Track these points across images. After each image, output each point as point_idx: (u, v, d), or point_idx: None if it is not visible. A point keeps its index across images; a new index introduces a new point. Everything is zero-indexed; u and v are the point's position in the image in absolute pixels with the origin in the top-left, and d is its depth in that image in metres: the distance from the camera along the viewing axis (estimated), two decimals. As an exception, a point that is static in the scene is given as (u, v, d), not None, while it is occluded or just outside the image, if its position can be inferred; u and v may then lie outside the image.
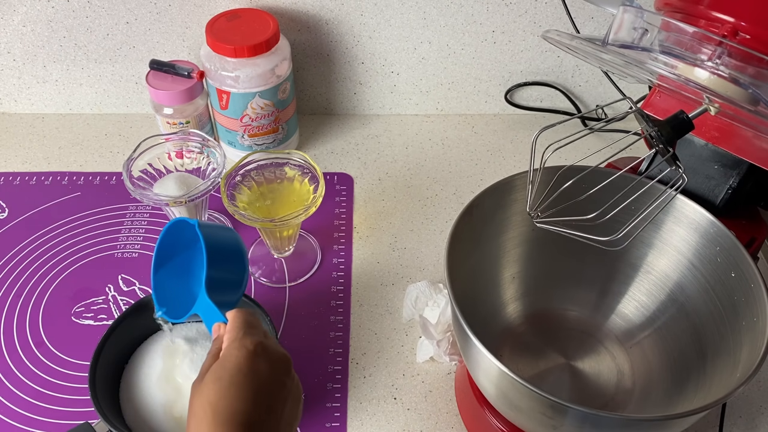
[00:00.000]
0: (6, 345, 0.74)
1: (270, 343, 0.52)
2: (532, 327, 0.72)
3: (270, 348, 0.51)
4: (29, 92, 1.00)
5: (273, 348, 0.52)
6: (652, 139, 0.56)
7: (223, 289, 0.56)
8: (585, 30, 0.94)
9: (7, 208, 0.88)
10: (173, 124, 0.89)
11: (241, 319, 0.53)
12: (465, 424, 0.69)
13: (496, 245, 0.70)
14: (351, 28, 0.94)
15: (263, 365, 0.50)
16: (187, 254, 0.60)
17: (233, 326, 0.52)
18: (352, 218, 0.89)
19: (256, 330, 0.52)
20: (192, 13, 0.91)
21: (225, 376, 0.48)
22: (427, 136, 1.01)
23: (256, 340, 0.51)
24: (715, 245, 0.63)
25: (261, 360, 0.50)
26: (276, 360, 0.51)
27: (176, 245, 0.60)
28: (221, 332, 0.53)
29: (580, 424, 0.53)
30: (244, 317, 0.53)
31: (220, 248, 0.57)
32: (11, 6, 0.90)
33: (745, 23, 0.55)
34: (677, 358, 0.66)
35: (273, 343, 0.53)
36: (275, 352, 0.51)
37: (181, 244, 0.59)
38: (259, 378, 0.49)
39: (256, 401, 0.48)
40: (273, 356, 0.51)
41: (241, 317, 0.53)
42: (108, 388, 0.65)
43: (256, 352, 0.50)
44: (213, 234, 0.57)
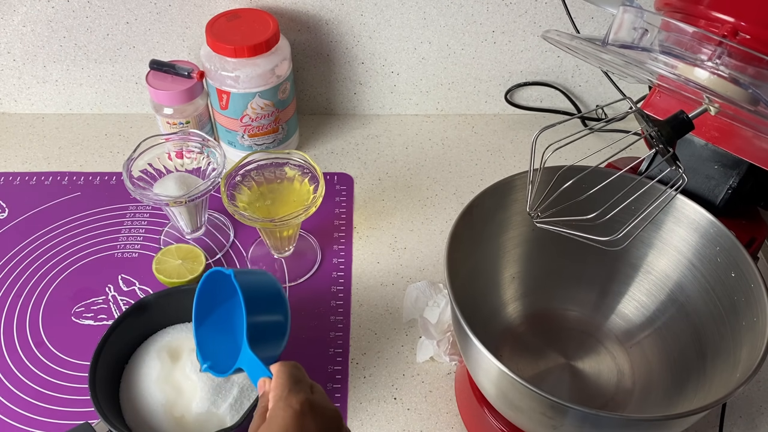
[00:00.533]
0: (6, 345, 0.74)
1: (317, 399, 0.50)
2: (532, 327, 0.72)
3: (317, 405, 0.49)
4: (29, 92, 1.00)
5: (320, 404, 0.50)
6: (652, 139, 0.56)
7: (266, 340, 0.55)
8: (585, 30, 0.94)
9: (7, 208, 0.88)
10: (173, 124, 0.89)
11: (286, 374, 0.51)
12: (465, 424, 0.69)
13: (496, 245, 0.70)
14: (351, 28, 0.94)
15: (311, 425, 0.48)
16: (229, 305, 0.59)
17: (278, 383, 0.50)
18: (352, 218, 0.89)
19: (302, 385, 0.50)
20: (192, 13, 0.91)
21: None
22: (427, 136, 1.01)
23: (302, 398, 0.49)
24: (715, 245, 0.63)
25: (308, 419, 0.48)
26: (324, 418, 0.49)
27: (216, 296, 0.59)
28: (267, 388, 0.52)
29: (580, 424, 0.53)
30: (288, 372, 0.51)
31: (259, 298, 0.55)
32: (11, 6, 0.90)
33: (745, 23, 0.55)
34: (677, 358, 0.66)
35: (320, 397, 0.51)
36: (323, 409, 0.49)
37: (221, 295, 0.58)
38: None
39: None
40: (320, 413, 0.49)
41: (286, 372, 0.51)
42: (108, 388, 0.65)
43: (303, 411, 0.48)
44: (250, 283, 0.55)
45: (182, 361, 0.66)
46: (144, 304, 0.69)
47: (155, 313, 0.69)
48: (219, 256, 0.83)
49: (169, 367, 0.66)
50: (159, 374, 0.66)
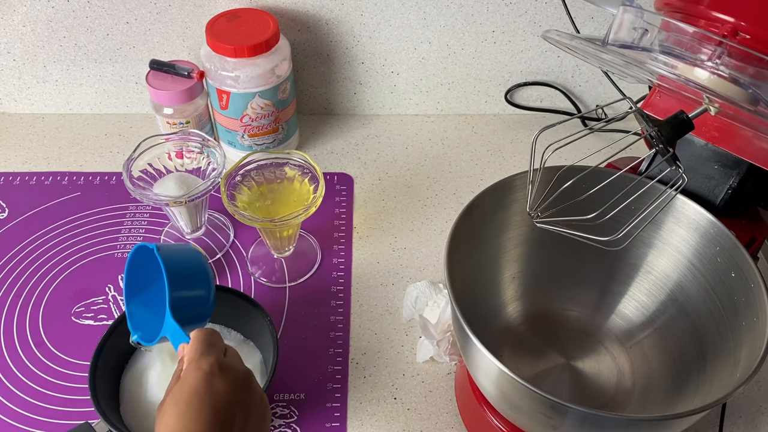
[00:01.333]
0: (6, 345, 0.74)
1: (228, 361, 0.52)
2: (532, 327, 0.72)
3: (227, 366, 0.51)
4: (29, 92, 1.00)
5: (231, 365, 0.52)
6: (652, 139, 0.56)
7: (189, 309, 0.57)
8: (585, 30, 0.94)
9: (7, 208, 0.88)
10: (173, 124, 0.89)
11: (200, 339, 0.53)
12: (465, 424, 0.69)
13: (496, 245, 0.70)
14: (351, 28, 0.94)
15: (220, 385, 0.50)
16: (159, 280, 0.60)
17: (192, 347, 0.52)
18: (352, 218, 0.89)
19: (214, 348, 0.52)
20: (192, 13, 0.91)
21: (182, 398, 0.49)
22: (427, 136, 1.01)
23: (212, 360, 0.51)
24: (715, 245, 0.63)
25: (217, 379, 0.50)
26: (234, 378, 0.51)
27: (148, 271, 0.60)
28: (185, 353, 0.54)
29: (580, 424, 0.53)
30: (202, 337, 0.53)
31: (182, 269, 0.57)
32: (11, 6, 0.90)
33: (745, 23, 0.55)
34: (677, 358, 0.66)
35: (232, 360, 0.53)
36: (233, 370, 0.51)
37: (152, 270, 0.59)
38: (216, 398, 0.49)
39: (215, 421, 0.48)
40: (231, 374, 0.51)
41: (200, 337, 0.53)
42: (108, 388, 0.65)
43: (212, 371, 0.50)
44: (173, 256, 0.57)
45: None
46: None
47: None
48: (219, 256, 0.83)
49: (169, 367, 0.66)
50: (159, 374, 0.66)
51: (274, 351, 0.65)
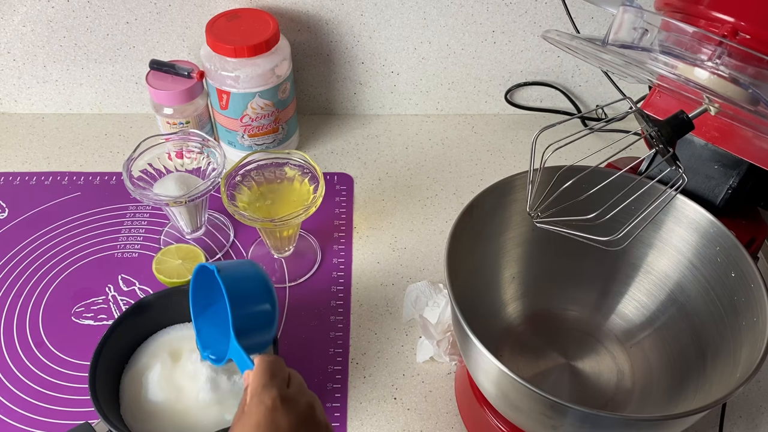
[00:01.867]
0: (6, 345, 0.74)
1: (291, 393, 0.51)
2: (532, 327, 0.72)
3: (290, 398, 0.50)
4: (29, 92, 1.00)
5: (293, 398, 0.51)
6: (652, 139, 0.56)
7: (253, 334, 0.56)
8: (585, 30, 0.94)
9: (7, 208, 0.88)
10: (173, 124, 0.89)
11: (262, 369, 0.51)
12: (465, 424, 0.69)
13: (496, 245, 0.70)
14: (351, 28, 0.94)
15: (283, 420, 0.49)
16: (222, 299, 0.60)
17: (255, 378, 0.51)
18: (352, 218, 0.89)
19: (277, 379, 0.51)
20: (192, 13, 0.91)
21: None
22: (427, 136, 1.01)
23: (274, 394, 0.50)
24: (715, 245, 0.63)
25: (280, 414, 0.49)
26: (297, 412, 0.50)
27: (211, 288, 0.60)
28: (249, 381, 0.53)
29: (580, 424, 0.53)
30: (264, 366, 0.52)
31: (244, 290, 0.56)
32: (11, 6, 0.90)
33: (745, 23, 0.55)
34: (677, 358, 0.66)
35: (295, 391, 0.52)
36: (295, 403, 0.50)
37: (215, 287, 0.59)
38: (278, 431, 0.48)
39: None
40: (293, 408, 0.50)
41: (262, 366, 0.52)
42: (108, 388, 0.65)
43: (275, 406, 0.49)
44: (234, 276, 0.56)
45: (182, 361, 0.66)
46: (144, 304, 0.69)
47: (155, 313, 0.69)
48: (219, 255, 0.83)
49: (169, 367, 0.66)
50: (159, 374, 0.66)
51: (274, 351, 0.65)
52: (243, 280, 0.57)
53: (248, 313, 0.56)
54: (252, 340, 0.56)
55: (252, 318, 0.56)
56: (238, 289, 0.55)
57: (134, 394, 0.65)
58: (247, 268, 0.59)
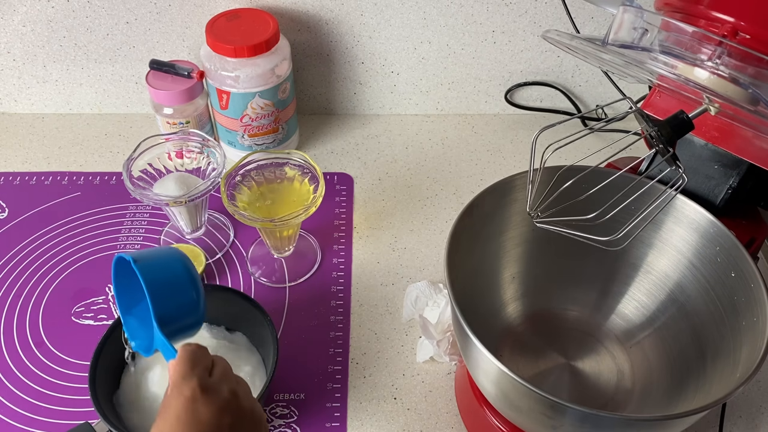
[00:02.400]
0: (6, 345, 0.74)
1: (212, 382, 0.50)
2: (532, 327, 0.72)
3: (210, 388, 0.49)
4: (29, 92, 1.00)
5: (214, 387, 0.50)
6: (652, 139, 0.56)
7: (177, 322, 0.55)
8: (585, 30, 0.94)
9: (7, 208, 0.88)
10: (173, 124, 0.89)
11: (182, 360, 0.50)
12: (465, 424, 0.69)
13: (496, 245, 0.70)
14: (351, 28, 0.94)
15: (203, 410, 0.48)
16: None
17: (175, 368, 0.50)
18: (352, 218, 0.89)
19: (197, 368, 0.50)
20: (192, 13, 0.91)
21: (165, 427, 0.48)
22: (427, 136, 1.01)
23: (194, 384, 0.49)
24: (715, 245, 0.63)
25: (200, 404, 0.48)
26: (218, 401, 0.49)
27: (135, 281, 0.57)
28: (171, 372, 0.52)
29: (580, 424, 0.53)
30: (184, 356, 0.51)
31: (165, 281, 0.54)
32: (11, 6, 0.90)
33: (745, 23, 0.55)
34: (677, 358, 0.66)
35: (216, 380, 0.51)
36: (215, 393, 0.50)
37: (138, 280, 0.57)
38: (199, 426, 0.48)
39: None
40: (214, 398, 0.49)
41: (182, 357, 0.51)
42: (108, 388, 0.65)
43: (194, 397, 0.48)
44: (154, 266, 0.54)
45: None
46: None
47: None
48: (219, 255, 0.83)
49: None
50: (159, 375, 0.66)
51: (274, 351, 0.65)
52: (162, 267, 0.55)
53: (170, 301, 0.54)
54: (176, 328, 0.54)
55: (174, 306, 0.55)
56: (156, 277, 0.54)
57: (134, 394, 0.65)
58: (166, 255, 0.57)
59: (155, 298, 0.53)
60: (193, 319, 0.56)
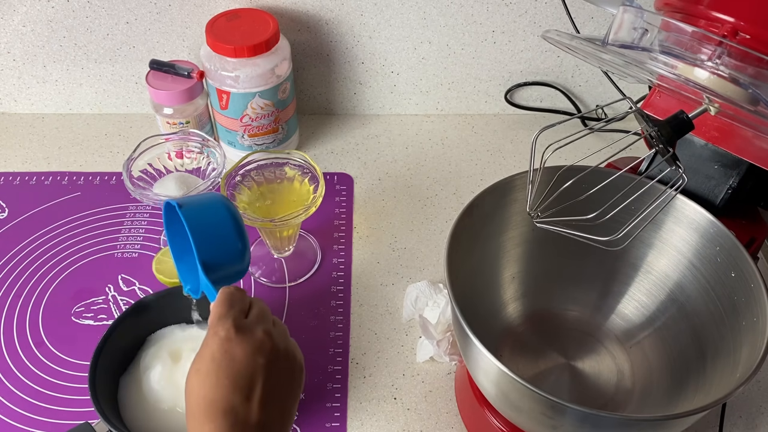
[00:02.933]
0: (6, 345, 0.74)
1: (247, 322, 0.51)
2: (532, 327, 0.72)
3: (245, 328, 0.50)
4: (29, 92, 1.00)
5: (249, 327, 0.51)
6: (652, 139, 0.56)
7: (221, 265, 0.55)
8: (585, 30, 0.94)
9: (7, 208, 0.88)
10: (173, 124, 0.89)
11: (220, 300, 0.52)
12: (465, 424, 0.69)
13: (496, 245, 0.70)
14: (351, 28, 0.94)
15: (237, 349, 0.49)
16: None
17: (213, 310, 0.51)
18: (352, 218, 0.89)
19: (233, 310, 0.51)
20: (192, 13, 0.91)
21: (202, 367, 0.49)
22: (427, 136, 1.01)
23: (228, 325, 0.50)
24: (715, 245, 0.63)
25: (234, 344, 0.49)
26: (252, 341, 0.50)
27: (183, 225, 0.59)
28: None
29: (580, 424, 0.53)
30: (222, 298, 0.52)
31: (208, 225, 0.55)
32: (11, 6, 0.90)
33: (745, 23, 0.55)
34: (677, 358, 0.66)
35: (252, 320, 0.51)
36: (250, 333, 0.50)
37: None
38: (233, 364, 0.49)
39: (234, 387, 0.48)
40: (248, 338, 0.50)
41: (220, 299, 0.52)
42: (108, 388, 0.65)
43: (228, 337, 0.49)
44: (198, 210, 0.55)
45: (182, 361, 0.66)
46: (144, 304, 0.69)
47: (155, 313, 0.69)
48: (219, 256, 0.83)
49: (169, 367, 0.66)
50: (159, 374, 0.66)
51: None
52: (206, 213, 0.56)
53: (213, 246, 0.55)
54: (222, 273, 0.55)
55: (218, 251, 0.55)
56: (201, 223, 0.54)
57: (134, 394, 0.65)
58: (213, 202, 0.58)
59: (200, 243, 0.54)
60: (238, 265, 0.57)
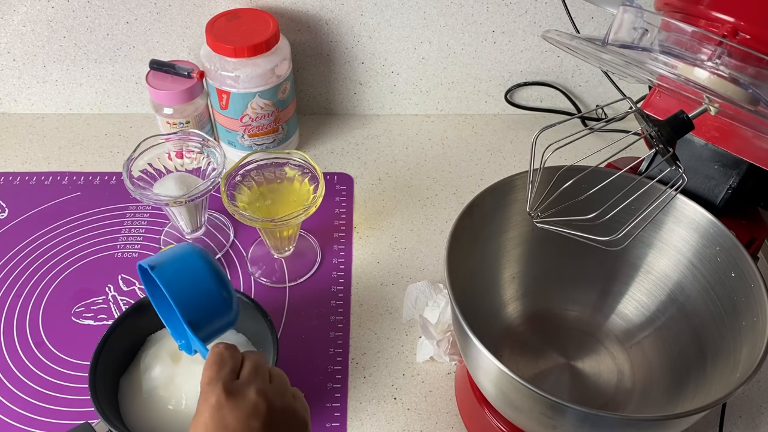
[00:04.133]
0: (6, 345, 0.74)
1: (237, 385, 0.49)
2: (532, 327, 0.72)
3: (236, 392, 0.48)
4: (29, 92, 1.00)
5: (239, 391, 0.49)
6: (652, 139, 0.56)
7: (209, 320, 0.53)
8: (585, 30, 0.94)
9: (7, 208, 0.88)
10: (173, 124, 0.89)
11: (209, 362, 0.50)
12: (465, 424, 0.69)
13: (496, 245, 0.70)
14: (351, 28, 0.94)
15: (230, 417, 0.48)
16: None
17: (204, 373, 0.50)
18: (352, 218, 0.89)
19: (222, 372, 0.49)
20: (192, 13, 0.91)
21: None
22: (427, 136, 1.01)
23: (219, 390, 0.48)
24: (715, 245, 0.63)
25: (226, 412, 0.48)
26: (245, 404, 0.48)
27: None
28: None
29: (580, 424, 0.53)
30: (212, 359, 0.50)
31: (187, 282, 0.53)
32: (11, 6, 0.90)
33: (745, 23, 0.55)
34: (677, 358, 0.66)
35: (244, 381, 0.50)
36: (242, 396, 0.48)
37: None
38: (226, 430, 0.47)
39: None
40: (240, 403, 0.48)
41: (210, 359, 0.50)
42: (108, 388, 0.65)
43: (219, 404, 0.48)
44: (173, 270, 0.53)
45: (182, 362, 0.66)
46: (144, 304, 0.69)
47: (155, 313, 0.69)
48: (219, 255, 0.83)
49: (169, 367, 0.66)
50: (159, 374, 0.66)
51: (274, 351, 0.65)
52: (182, 269, 0.53)
53: (196, 303, 0.53)
54: (211, 328, 0.53)
55: (202, 307, 0.53)
56: (179, 281, 0.52)
57: (134, 394, 0.65)
58: (185, 254, 0.54)
59: (181, 303, 0.52)
60: (226, 316, 0.55)
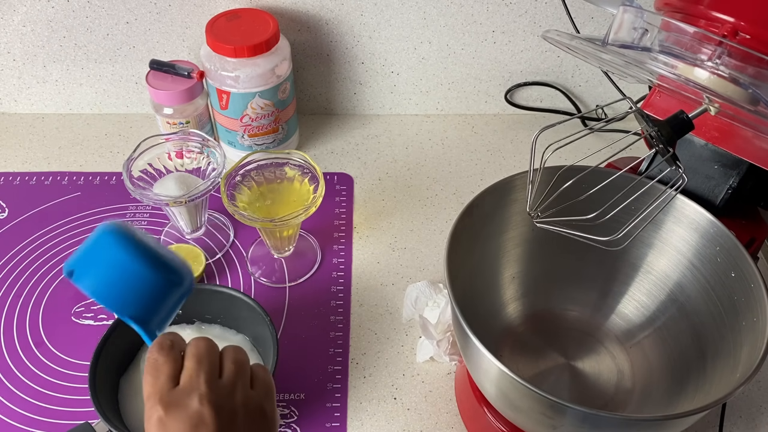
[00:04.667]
0: (6, 345, 0.74)
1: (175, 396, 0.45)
2: (532, 327, 0.72)
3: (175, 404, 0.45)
4: (29, 92, 1.00)
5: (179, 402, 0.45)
6: (652, 139, 0.56)
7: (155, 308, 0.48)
8: (585, 30, 0.94)
9: (7, 208, 0.88)
10: (173, 124, 0.89)
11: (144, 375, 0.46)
12: (465, 424, 0.69)
13: (496, 245, 0.70)
14: (351, 28, 0.94)
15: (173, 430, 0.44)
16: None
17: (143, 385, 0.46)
18: (352, 218, 0.89)
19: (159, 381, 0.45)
20: (192, 13, 0.91)
21: None
22: (427, 136, 1.01)
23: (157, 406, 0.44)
24: (715, 245, 0.63)
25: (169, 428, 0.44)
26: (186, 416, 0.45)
27: None
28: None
29: (580, 424, 0.53)
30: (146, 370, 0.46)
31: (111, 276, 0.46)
32: (11, 6, 0.90)
33: (745, 23, 0.55)
34: (677, 358, 0.66)
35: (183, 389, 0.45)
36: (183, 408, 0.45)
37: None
38: None
39: None
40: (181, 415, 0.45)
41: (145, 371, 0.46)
42: (108, 388, 0.65)
43: (161, 422, 0.44)
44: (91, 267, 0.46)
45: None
46: (144, 304, 0.68)
47: (155, 313, 0.69)
48: (219, 256, 0.83)
49: (169, 367, 0.66)
50: (159, 374, 0.66)
51: (274, 351, 0.65)
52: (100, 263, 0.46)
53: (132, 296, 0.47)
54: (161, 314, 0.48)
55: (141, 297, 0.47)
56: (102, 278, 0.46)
57: (134, 394, 0.65)
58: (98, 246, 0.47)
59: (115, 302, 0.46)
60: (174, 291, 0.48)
